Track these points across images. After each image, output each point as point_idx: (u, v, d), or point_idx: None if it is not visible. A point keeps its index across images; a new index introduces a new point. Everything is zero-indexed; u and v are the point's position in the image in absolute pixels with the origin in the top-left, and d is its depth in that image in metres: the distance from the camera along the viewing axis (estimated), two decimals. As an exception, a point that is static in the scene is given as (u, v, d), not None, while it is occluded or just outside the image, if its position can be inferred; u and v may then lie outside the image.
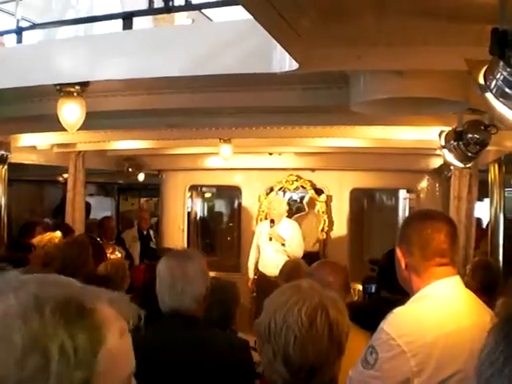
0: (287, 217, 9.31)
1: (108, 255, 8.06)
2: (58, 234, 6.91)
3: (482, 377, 0.87)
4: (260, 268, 9.05)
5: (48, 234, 6.90)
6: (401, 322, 2.53)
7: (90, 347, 1.08)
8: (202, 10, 8.09)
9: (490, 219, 7.48)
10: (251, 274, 9.24)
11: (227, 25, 4.35)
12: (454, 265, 2.65)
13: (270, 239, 8.85)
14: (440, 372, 2.38)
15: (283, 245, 8.74)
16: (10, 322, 1.04)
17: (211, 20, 8.04)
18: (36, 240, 6.72)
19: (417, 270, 2.62)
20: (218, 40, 4.04)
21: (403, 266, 2.67)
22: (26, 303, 1.06)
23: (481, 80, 2.52)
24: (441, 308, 2.54)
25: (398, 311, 2.55)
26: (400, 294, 2.83)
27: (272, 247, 8.86)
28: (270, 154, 9.50)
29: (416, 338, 2.42)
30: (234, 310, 4.18)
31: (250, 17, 2.84)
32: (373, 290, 5.79)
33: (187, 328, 3.05)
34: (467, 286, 2.82)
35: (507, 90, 2.29)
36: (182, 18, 8.59)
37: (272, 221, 8.97)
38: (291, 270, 5.83)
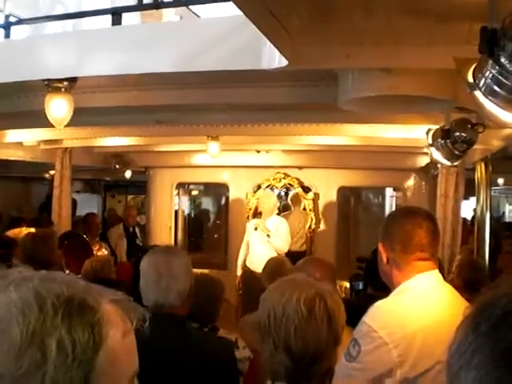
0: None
1: (94, 252, 8.03)
2: (33, 229, 6.89)
3: (452, 370, 0.87)
4: (247, 264, 9.06)
5: (24, 229, 6.89)
6: (382, 314, 2.59)
7: (90, 345, 1.07)
8: (190, 7, 8.09)
9: (477, 217, 7.53)
10: (239, 271, 9.25)
11: (216, 21, 4.34)
12: (435, 260, 2.72)
13: (256, 229, 8.92)
14: (421, 363, 2.44)
15: (268, 236, 8.78)
16: (9, 316, 1.04)
17: (199, 17, 8.04)
18: (12, 234, 6.70)
19: (398, 265, 2.68)
20: (208, 36, 4.04)
21: (385, 260, 2.73)
22: (27, 298, 1.05)
23: (470, 78, 2.53)
24: (421, 301, 2.61)
25: (379, 304, 2.61)
26: (386, 291, 2.86)
27: (258, 239, 8.91)
28: (258, 151, 9.51)
29: (397, 330, 2.48)
30: (218, 306, 4.16)
31: (239, 13, 2.84)
32: (360, 287, 5.81)
33: (170, 326, 3.02)
34: (452, 283, 2.88)
35: (496, 88, 2.30)
36: (169, 14, 8.57)
37: (260, 213, 9.05)
38: (275, 268, 5.80)
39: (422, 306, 2.59)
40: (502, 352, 0.80)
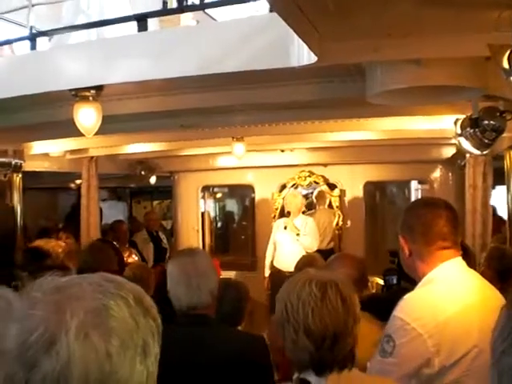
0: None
1: (125, 259, 8.08)
2: (61, 243, 6.96)
3: (496, 353, 0.88)
4: (275, 264, 9.05)
5: (51, 241, 6.96)
6: (412, 306, 2.60)
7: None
8: (206, 11, 8.11)
9: (508, 206, 7.43)
10: (267, 272, 9.24)
11: (238, 23, 4.35)
12: (457, 247, 2.73)
13: (285, 228, 8.91)
14: (456, 349, 2.46)
15: (298, 234, 8.78)
16: (128, 325, 1.12)
17: (215, 20, 8.05)
18: (40, 244, 6.76)
19: (421, 256, 2.70)
20: (231, 38, 4.05)
21: (407, 253, 2.75)
22: (133, 306, 1.15)
23: (505, 64, 2.51)
24: (448, 288, 2.62)
25: (408, 297, 2.63)
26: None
27: (287, 237, 8.90)
28: (282, 150, 9.51)
29: (429, 320, 2.49)
30: (243, 309, 4.16)
31: (259, 14, 2.84)
32: (394, 281, 5.77)
33: (203, 327, 3.07)
34: (484, 275, 2.89)
35: (533, 72, 2.29)
36: (187, 19, 8.60)
37: (288, 212, 9.03)
38: (307, 264, 5.81)
39: (450, 293, 2.60)
40: None
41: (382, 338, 2.60)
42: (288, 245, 8.82)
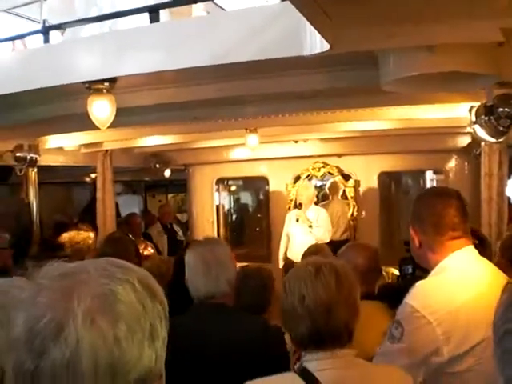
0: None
1: (141, 251, 8.11)
2: (92, 235, 6.97)
3: (499, 332, 0.89)
4: (289, 255, 9.08)
5: (81, 232, 6.95)
6: (423, 293, 2.58)
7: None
8: (216, 1, 8.11)
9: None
10: (281, 263, 9.25)
11: (249, 12, 4.33)
12: (468, 237, 2.70)
13: (297, 220, 8.95)
14: (468, 338, 2.44)
15: (310, 226, 8.82)
16: (136, 310, 1.13)
17: (225, 10, 8.05)
18: (67, 237, 6.77)
19: (431, 247, 2.68)
20: (244, 27, 4.03)
21: (417, 244, 2.72)
22: (140, 290, 1.16)
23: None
24: (460, 277, 2.60)
25: (420, 284, 2.61)
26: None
27: (300, 229, 8.93)
28: (296, 141, 9.50)
29: (440, 307, 2.48)
30: (268, 298, 4.15)
31: (270, 3, 2.83)
32: (410, 270, 5.75)
33: (219, 315, 3.09)
34: (497, 264, 2.86)
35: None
36: (198, 10, 8.59)
37: (300, 205, 9.08)
38: (313, 254, 5.82)
39: (462, 282, 2.58)
40: None
41: (391, 324, 2.59)
42: (301, 236, 8.83)
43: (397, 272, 7.06)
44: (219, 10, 8.64)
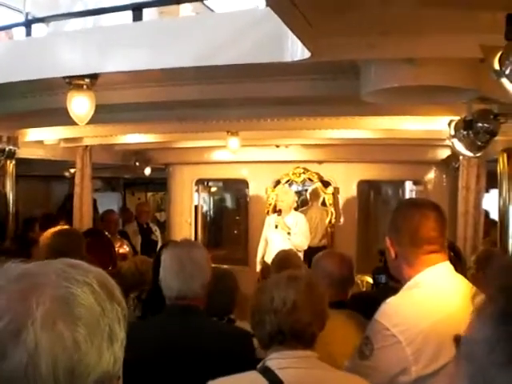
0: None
1: (116, 249, 8.07)
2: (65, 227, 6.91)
3: (478, 362, 0.82)
4: (266, 260, 9.02)
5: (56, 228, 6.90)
6: (394, 311, 2.53)
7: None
8: (205, 2, 8.09)
9: (499, 210, 7.46)
10: (258, 267, 9.24)
11: (236, 15, 4.33)
12: (444, 251, 2.66)
13: (276, 227, 8.91)
14: (437, 359, 2.37)
15: (289, 233, 8.77)
16: (95, 312, 1.12)
17: (213, 12, 8.04)
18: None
19: (407, 259, 2.63)
20: (228, 30, 4.02)
21: (393, 255, 2.68)
22: (98, 292, 1.15)
23: (496, 66, 2.51)
24: (433, 295, 2.55)
25: (391, 301, 2.56)
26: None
27: (279, 236, 8.89)
28: (277, 146, 9.51)
29: (410, 327, 2.43)
30: (233, 298, 4.17)
31: (257, 6, 2.83)
32: (383, 280, 5.77)
33: (188, 318, 3.08)
34: (474, 278, 2.81)
35: (523, 74, 2.28)
36: (186, 10, 8.57)
37: (279, 211, 9.01)
38: (281, 261, 5.86)
39: (434, 300, 2.53)
40: None
41: (362, 339, 2.58)
42: (279, 243, 8.76)
43: (371, 280, 7.08)
44: (208, 12, 8.63)
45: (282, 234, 8.85)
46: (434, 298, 2.54)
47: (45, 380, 1.04)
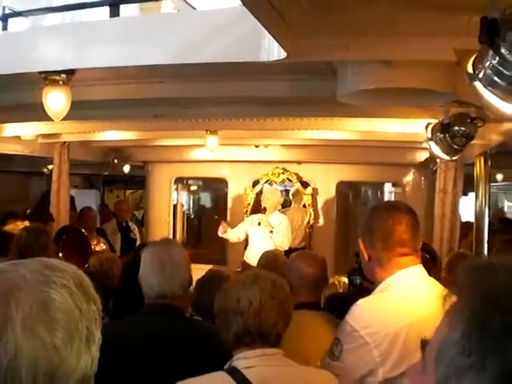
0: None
1: (93, 247, 8.02)
2: (27, 223, 6.89)
3: (450, 367, 0.81)
4: (246, 259, 9.00)
5: (21, 223, 6.87)
6: (364, 313, 2.56)
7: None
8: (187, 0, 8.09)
9: (475, 213, 7.52)
10: (230, 236, 9.20)
11: (215, 13, 4.31)
12: (417, 254, 2.68)
13: (259, 224, 8.84)
14: (403, 362, 2.38)
15: (271, 232, 8.72)
16: (73, 315, 1.13)
17: (195, 9, 8.02)
18: (8, 228, 6.69)
19: (380, 262, 2.65)
20: (206, 28, 4.01)
21: (366, 258, 2.70)
22: (76, 293, 1.15)
23: (470, 69, 2.52)
24: (404, 297, 2.57)
25: (361, 303, 2.58)
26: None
27: (260, 234, 8.84)
28: (257, 146, 9.49)
29: (379, 329, 2.46)
30: None
31: (238, 5, 2.82)
32: (358, 281, 5.78)
33: (167, 317, 3.07)
34: (444, 280, 2.83)
35: (496, 78, 2.29)
36: (167, 7, 8.55)
37: (264, 208, 8.94)
38: (270, 261, 5.81)
39: (405, 303, 2.55)
40: None
41: (333, 340, 2.60)
42: (260, 241, 8.75)
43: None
44: (189, 9, 8.62)
45: (264, 232, 8.79)
46: (404, 301, 2.55)
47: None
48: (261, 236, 8.85)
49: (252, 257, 8.69)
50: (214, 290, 3.98)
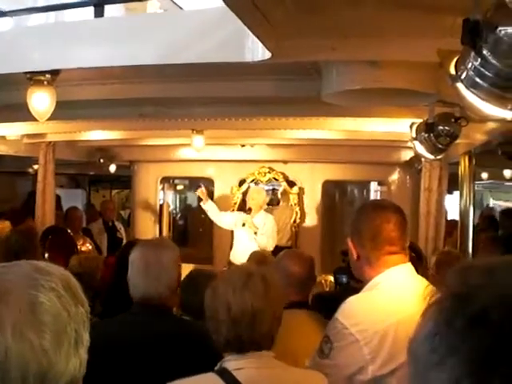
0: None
1: (79, 247, 7.99)
2: (7, 223, 6.86)
3: (420, 362, 0.82)
4: (231, 258, 8.95)
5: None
6: (353, 311, 2.58)
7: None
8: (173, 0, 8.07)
9: (460, 212, 7.57)
10: (209, 209, 9.14)
11: (200, 13, 4.31)
12: (405, 253, 2.71)
13: (243, 225, 8.76)
14: (393, 359, 2.41)
15: (255, 233, 8.62)
16: (62, 318, 1.13)
17: (182, 9, 8.01)
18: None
19: (369, 260, 2.67)
20: (191, 28, 4.00)
21: (355, 256, 2.72)
22: (64, 296, 1.16)
23: (452, 70, 2.53)
24: (393, 295, 2.59)
25: (350, 300, 2.61)
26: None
27: (245, 234, 8.76)
28: (243, 145, 9.47)
29: (368, 327, 2.48)
30: None
31: (222, 5, 2.82)
32: (344, 280, 5.82)
33: (156, 317, 3.07)
34: (433, 279, 2.85)
35: (478, 79, 2.31)
36: (154, 7, 8.53)
37: (249, 209, 8.87)
38: (257, 262, 5.80)
39: (394, 300, 2.57)
40: (482, 357, 0.74)
41: (322, 337, 2.61)
42: (245, 242, 8.68)
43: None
44: (176, 9, 8.60)
45: (249, 234, 8.71)
46: (393, 299, 2.57)
47: None
48: (246, 237, 8.76)
49: (237, 257, 8.62)
50: (202, 289, 4.01)
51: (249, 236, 8.72)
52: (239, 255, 8.60)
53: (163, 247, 3.22)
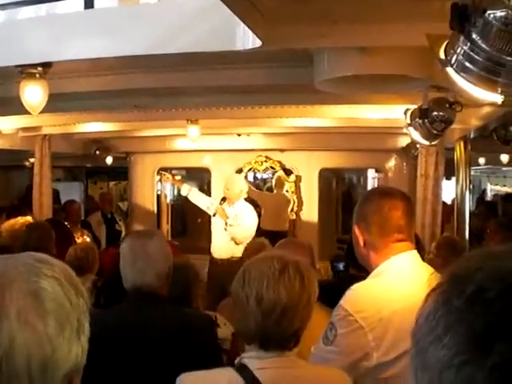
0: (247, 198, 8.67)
1: (76, 239, 7.99)
2: (30, 218, 6.87)
3: (420, 343, 0.83)
4: (211, 250, 8.59)
5: (20, 218, 6.84)
6: (358, 297, 2.57)
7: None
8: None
9: (456, 197, 7.57)
10: (195, 197, 8.89)
11: (191, 2, 4.29)
12: (411, 240, 2.69)
13: (214, 214, 8.40)
14: (398, 345, 2.40)
15: (226, 223, 8.14)
16: (64, 306, 1.14)
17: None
18: (9, 224, 6.66)
19: (375, 247, 2.65)
20: (182, 18, 3.98)
21: (361, 243, 2.69)
22: (66, 286, 1.16)
23: (442, 55, 2.53)
24: (398, 282, 2.58)
25: (356, 287, 2.59)
26: (366, 271, 2.85)
27: (218, 224, 8.33)
28: (239, 135, 9.46)
29: (373, 313, 2.46)
30: (192, 290, 4.14)
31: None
32: (341, 267, 5.83)
33: (149, 305, 3.08)
34: (431, 262, 2.84)
35: (467, 64, 2.30)
36: (147, -2, 8.48)
37: (223, 198, 8.57)
38: (255, 252, 5.79)
39: (399, 287, 2.55)
40: (478, 335, 0.76)
41: (328, 324, 2.59)
42: (219, 232, 8.33)
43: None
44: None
45: (222, 223, 8.26)
46: (399, 285, 2.56)
47: (19, 374, 1.06)
48: (220, 227, 8.30)
49: (213, 249, 8.41)
50: (182, 280, 4.02)
51: (221, 226, 8.29)
52: (214, 247, 8.43)
53: (148, 238, 3.22)
